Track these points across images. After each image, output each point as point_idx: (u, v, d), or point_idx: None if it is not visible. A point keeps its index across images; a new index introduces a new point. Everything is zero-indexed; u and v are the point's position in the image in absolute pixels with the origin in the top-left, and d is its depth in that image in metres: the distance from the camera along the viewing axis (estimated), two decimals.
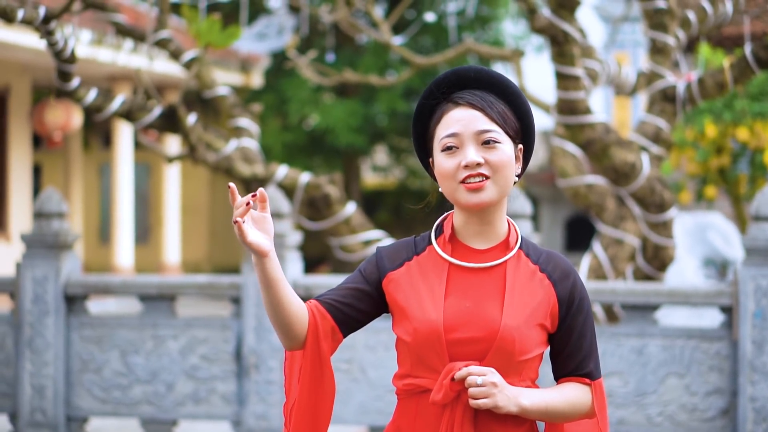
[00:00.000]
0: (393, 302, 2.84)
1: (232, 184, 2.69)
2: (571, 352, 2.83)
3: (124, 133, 17.61)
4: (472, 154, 2.75)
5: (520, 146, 2.85)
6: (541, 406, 2.77)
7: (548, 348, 2.87)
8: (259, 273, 2.73)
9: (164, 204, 19.26)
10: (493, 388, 2.70)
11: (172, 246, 19.12)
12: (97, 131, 22.27)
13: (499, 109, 2.79)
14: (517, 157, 2.83)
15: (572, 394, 2.82)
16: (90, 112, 7.82)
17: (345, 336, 2.87)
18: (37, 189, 18.91)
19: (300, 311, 2.80)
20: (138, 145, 18.65)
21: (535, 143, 2.89)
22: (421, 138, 2.88)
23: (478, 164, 2.75)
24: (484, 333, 2.74)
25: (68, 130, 15.76)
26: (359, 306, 2.86)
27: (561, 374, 2.86)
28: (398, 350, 2.86)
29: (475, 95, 2.80)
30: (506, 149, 2.78)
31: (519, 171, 2.84)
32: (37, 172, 20.05)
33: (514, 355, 2.74)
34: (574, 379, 2.85)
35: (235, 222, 2.63)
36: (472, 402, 2.71)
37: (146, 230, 22.94)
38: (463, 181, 2.76)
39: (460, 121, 2.78)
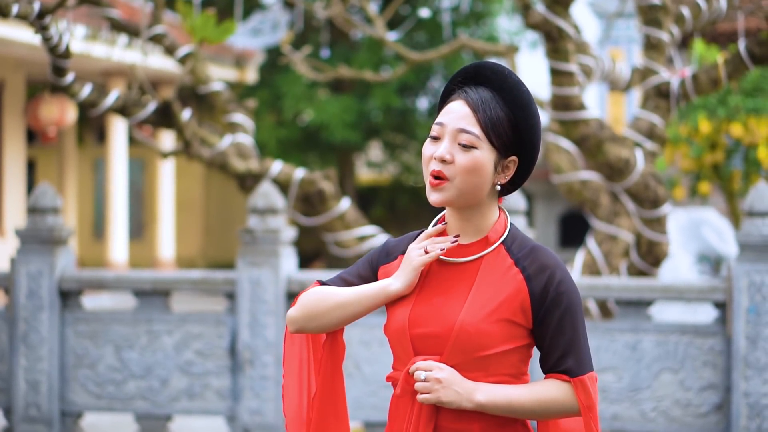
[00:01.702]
0: None
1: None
2: (549, 348, 2.79)
3: (118, 129, 17.61)
4: (442, 148, 2.76)
5: (513, 158, 2.80)
6: (501, 402, 2.74)
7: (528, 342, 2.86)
8: (377, 296, 2.83)
9: (158, 199, 19.26)
10: (436, 383, 2.72)
11: (166, 242, 19.12)
12: (92, 127, 22.26)
13: (494, 114, 2.76)
14: (505, 167, 2.80)
15: (545, 391, 2.78)
16: (84, 108, 7.81)
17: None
18: (31, 184, 18.89)
19: None
20: (132, 141, 18.64)
21: None
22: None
23: (443, 160, 2.75)
24: (442, 328, 2.76)
25: (62, 126, 15.74)
26: None
27: (543, 369, 2.84)
28: None
29: (478, 93, 2.78)
30: (479, 156, 2.75)
31: (503, 181, 2.81)
32: (31, 167, 20.03)
33: (472, 351, 2.74)
34: (554, 375, 2.81)
35: (427, 251, 2.79)
36: (418, 397, 2.75)
37: (140, 226, 22.93)
38: (431, 174, 2.78)
39: (451, 113, 2.78)
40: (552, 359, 2.79)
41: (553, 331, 2.77)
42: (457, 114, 2.77)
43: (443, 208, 2.90)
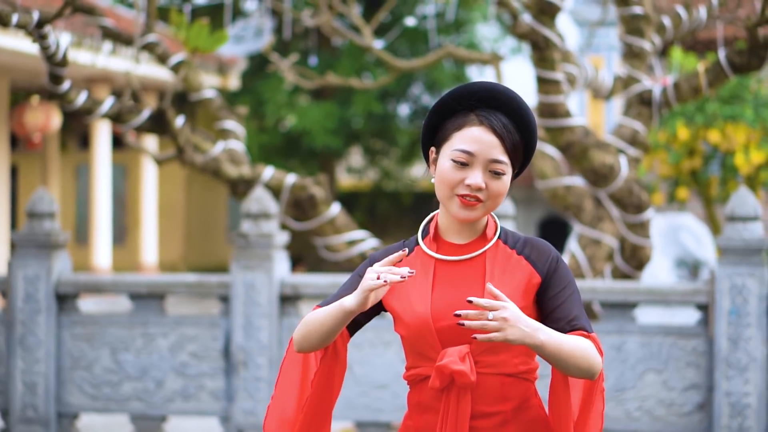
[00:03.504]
0: (387, 303, 3.07)
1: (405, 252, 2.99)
2: (561, 315, 2.98)
3: (101, 135, 17.66)
4: (478, 178, 2.95)
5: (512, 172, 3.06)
6: (556, 343, 2.86)
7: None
8: (337, 314, 2.97)
9: (141, 205, 19.32)
10: (504, 323, 2.79)
11: (149, 247, 19.18)
12: (75, 132, 22.29)
13: (515, 140, 2.98)
14: None
15: (581, 341, 2.93)
16: (80, 115, 7.93)
17: (351, 336, 3.14)
18: (13, 190, 18.92)
19: None
20: (116, 146, 18.69)
21: None
22: (431, 128, 3.06)
23: (479, 189, 2.96)
24: None
25: (47, 132, 15.82)
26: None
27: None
28: (403, 346, 3.10)
29: (501, 120, 2.97)
30: (507, 180, 2.99)
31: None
32: (13, 173, 20.06)
33: None
34: (573, 332, 2.96)
35: (383, 281, 2.88)
36: (479, 336, 2.80)
37: (123, 231, 22.97)
38: (460, 195, 2.97)
39: (480, 143, 2.96)
40: (565, 321, 2.97)
41: (561, 302, 2.99)
42: (488, 144, 2.96)
43: (424, 214, 3.15)
